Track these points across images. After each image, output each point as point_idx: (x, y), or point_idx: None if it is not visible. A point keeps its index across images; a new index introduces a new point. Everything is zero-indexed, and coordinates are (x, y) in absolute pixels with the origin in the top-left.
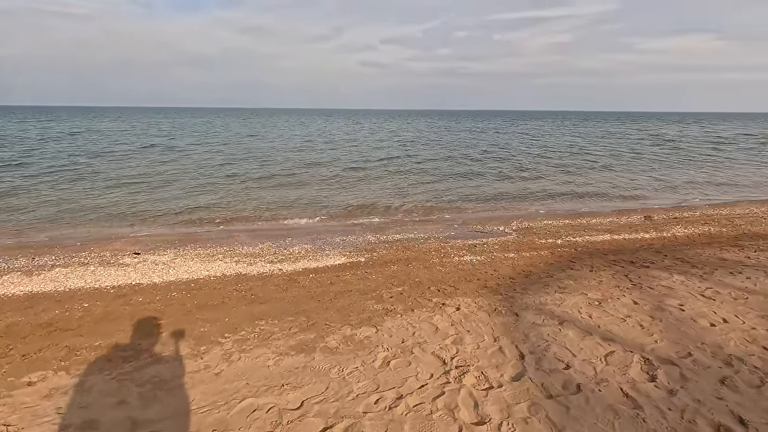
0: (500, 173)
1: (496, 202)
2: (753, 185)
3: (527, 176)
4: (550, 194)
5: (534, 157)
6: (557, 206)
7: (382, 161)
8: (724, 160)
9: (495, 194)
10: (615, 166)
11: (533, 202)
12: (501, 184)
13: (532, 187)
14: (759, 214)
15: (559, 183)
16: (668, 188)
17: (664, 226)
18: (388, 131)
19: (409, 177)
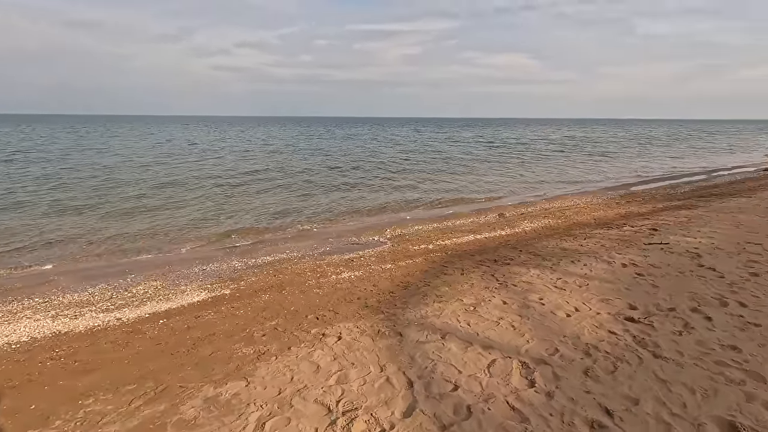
0: (371, 181)
1: (370, 211)
2: (571, 181)
3: (396, 183)
4: (417, 199)
5: (401, 163)
6: (424, 211)
7: (249, 174)
8: (564, 161)
9: (367, 203)
10: (471, 169)
11: (404, 207)
12: (372, 192)
13: (401, 193)
14: (581, 204)
15: (425, 187)
16: (518, 186)
17: (514, 222)
18: (255, 140)
19: (279, 190)
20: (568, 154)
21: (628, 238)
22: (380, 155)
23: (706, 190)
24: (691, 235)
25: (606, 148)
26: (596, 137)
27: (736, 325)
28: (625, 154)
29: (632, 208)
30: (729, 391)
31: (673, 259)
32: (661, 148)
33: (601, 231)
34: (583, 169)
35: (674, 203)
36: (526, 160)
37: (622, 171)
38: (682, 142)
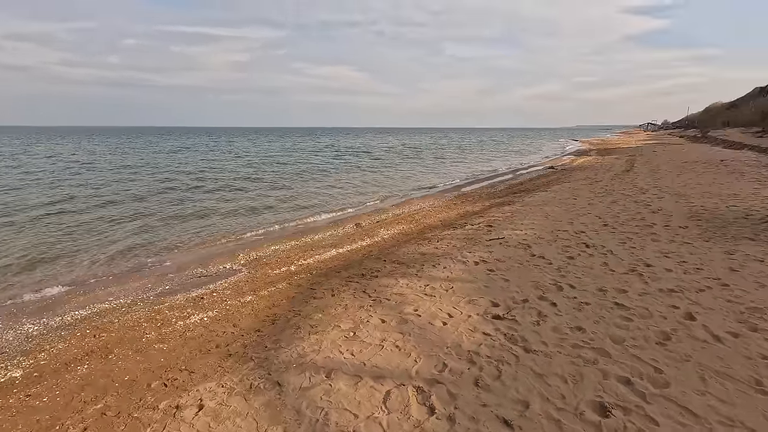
0: (215, 199)
1: (217, 234)
2: (414, 186)
3: (245, 199)
4: (270, 215)
5: (247, 177)
6: (279, 228)
7: (48, 204)
8: (406, 166)
9: (214, 225)
10: (321, 179)
11: (256, 226)
12: (218, 212)
13: (251, 210)
14: (426, 208)
15: (277, 202)
16: (369, 193)
17: (372, 230)
18: (53, 156)
19: (93, 219)
20: (406, 160)
21: (472, 237)
22: (222, 169)
23: (516, 187)
24: (518, 228)
25: (435, 154)
26: (426, 144)
27: (574, 307)
28: (451, 159)
29: (467, 207)
30: (589, 372)
31: (511, 252)
32: (475, 153)
33: (448, 232)
34: (421, 174)
35: (497, 201)
36: (372, 167)
37: (452, 174)
38: (490, 147)
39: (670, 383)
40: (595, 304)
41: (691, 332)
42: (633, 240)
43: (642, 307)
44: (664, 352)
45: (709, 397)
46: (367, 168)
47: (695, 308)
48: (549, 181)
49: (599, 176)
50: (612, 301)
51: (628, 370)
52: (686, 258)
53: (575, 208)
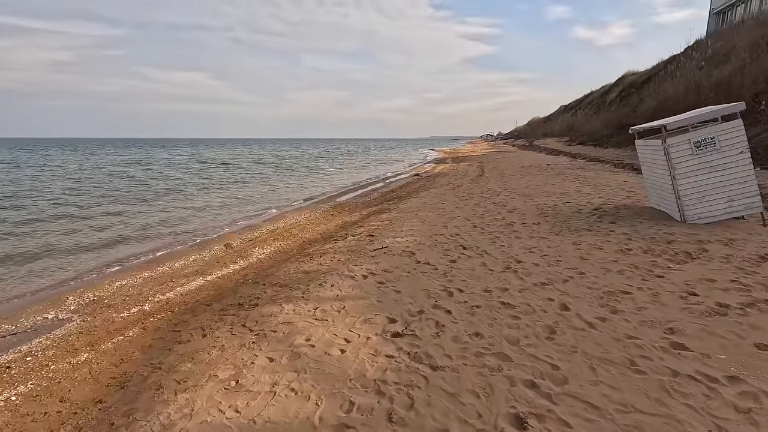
0: (36, 226)
1: (30, 271)
2: (287, 198)
3: (81, 224)
4: (115, 242)
5: (83, 196)
6: (128, 256)
7: None
8: (276, 178)
9: (24, 258)
10: (182, 196)
11: (98, 257)
12: (39, 243)
13: (89, 238)
14: (302, 221)
15: (125, 226)
16: (237, 209)
17: (245, 251)
18: None
19: None
20: (277, 171)
21: (355, 248)
22: (45, 188)
23: (389, 194)
24: (399, 236)
25: (306, 165)
26: (296, 155)
27: (467, 311)
28: (323, 170)
29: (345, 217)
30: (498, 382)
31: (397, 260)
32: (345, 162)
33: (330, 245)
34: (295, 186)
35: (374, 209)
36: (241, 180)
37: (325, 184)
38: (359, 157)
39: (568, 378)
40: (485, 305)
41: (570, 322)
42: (501, 239)
43: (525, 304)
44: (554, 346)
45: (602, 387)
46: (236, 182)
47: (566, 298)
48: (417, 187)
49: (459, 181)
50: (498, 300)
51: (530, 371)
52: (546, 252)
53: (446, 212)
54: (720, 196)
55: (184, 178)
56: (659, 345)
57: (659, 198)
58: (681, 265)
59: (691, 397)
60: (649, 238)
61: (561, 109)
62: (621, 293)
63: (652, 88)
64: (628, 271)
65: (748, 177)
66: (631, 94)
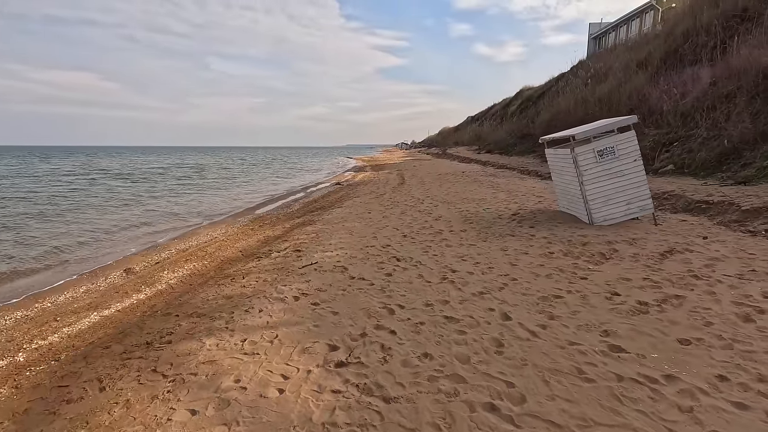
0: None
1: None
2: (197, 213)
3: None
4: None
5: None
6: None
7: None
8: (183, 190)
9: None
10: (69, 213)
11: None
12: None
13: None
14: (219, 237)
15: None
16: (140, 227)
17: (151, 276)
18: None
19: None
20: (186, 183)
21: (282, 266)
22: None
23: (311, 205)
24: (328, 249)
25: (219, 174)
26: (207, 164)
27: (411, 330)
28: (237, 180)
29: (267, 231)
30: (456, 409)
31: (329, 277)
32: (261, 172)
33: (254, 264)
34: (207, 199)
35: (297, 221)
36: (142, 193)
37: (241, 196)
38: (276, 165)
39: (525, 396)
40: (429, 321)
41: (515, 333)
42: (432, 248)
43: (468, 316)
44: (505, 360)
45: (559, 401)
46: (135, 196)
47: (506, 307)
48: (340, 197)
49: (381, 189)
50: (441, 315)
51: (487, 392)
52: (477, 259)
53: (373, 221)
54: (621, 200)
55: (71, 195)
56: (599, 349)
57: (568, 202)
58: (599, 266)
59: (640, 402)
60: (567, 241)
61: (468, 119)
62: (554, 297)
63: (546, 102)
64: (555, 274)
65: (641, 182)
66: (529, 107)
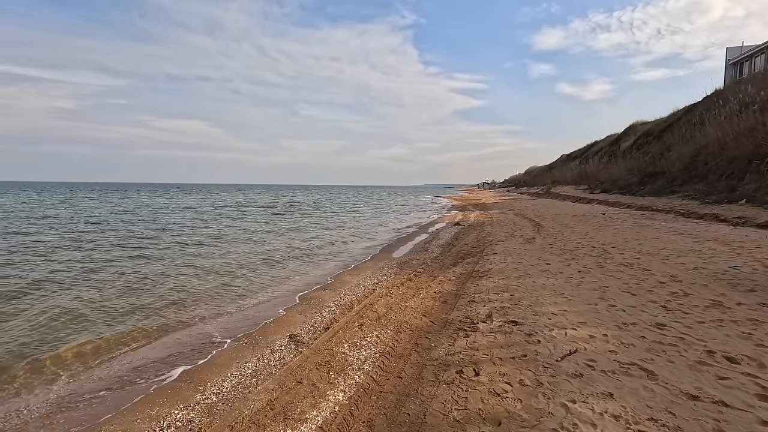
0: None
1: None
2: (329, 253)
3: (74, 296)
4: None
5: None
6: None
7: None
8: (292, 227)
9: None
10: (199, 252)
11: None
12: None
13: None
14: (372, 286)
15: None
16: (250, 269)
17: (330, 353)
18: None
19: None
20: (299, 218)
21: (520, 352)
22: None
23: (452, 249)
24: (562, 325)
25: (322, 211)
26: (304, 200)
27: None
28: (343, 217)
29: (432, 284)
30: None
31: (637, 389)
32: (360, 209)
33: (464, 342)
34: (321, 236)
35: (456, 270)
36: (263, 231)
37: (361, 234)
38: (370, 204)
39: None
40: None
41: None
42: (736, 332)
43: None
44: None
45: None
46: (256, 232)
47: None
48: (477, 240)
49: (520, 232)
50: None
51: None
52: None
53: (571, 277)
54: None
55: (193, 233)
56: None
57: None
58: None
59: None
60: None
61: (563, 158)
62: None
63: (676, 136)
64: None
65: None
66: (649, 143)
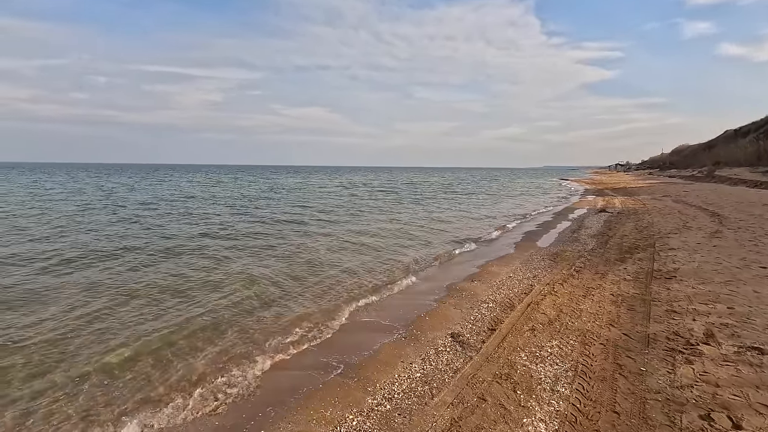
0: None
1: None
2: (465, 239)
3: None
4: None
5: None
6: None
7: None
8: (421, 210)
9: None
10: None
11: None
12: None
13: None
14: (533, 285)
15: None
16: (381, 252)
17: (506, 361)
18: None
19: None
20: (422, 202)
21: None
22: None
23: (607, 239)
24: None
25: (439, 194)
26: (423, 181)
27: None
28: (463, 200)
29: (603, 284)
30: None
31: None
32: (483, 192)
33: (700, 365)
34: (455, 220)
35: (629, 267)
36: (389, 206)
37: (489, 219)
38: (491, 186)
39: None
40: None
41: None
42: None
43: None
44: None
45: None
46: (387, 211)
47: None
48: (641, 232)
49: (691, 223)
50: None
51: None
52: None
53: None
54: None
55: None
56: None
57: None
58: None
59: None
60: None
61: (729, 133)
62: None
63: None
64: None
65: None
66: None
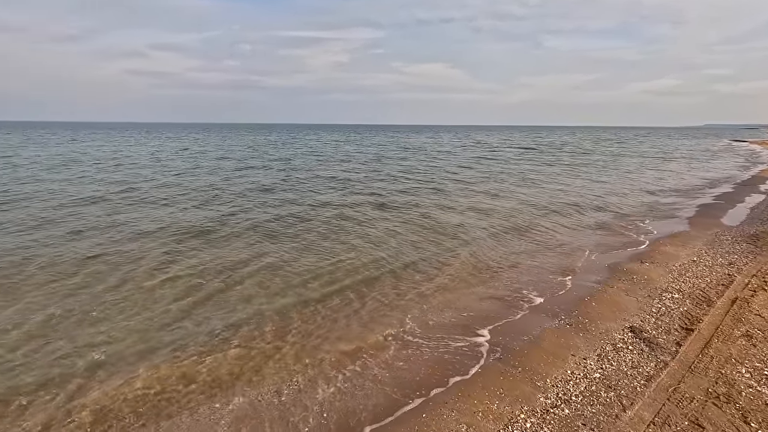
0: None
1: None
2: (617, 210)
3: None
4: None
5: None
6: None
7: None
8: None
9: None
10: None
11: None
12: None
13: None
14: (733, 275)
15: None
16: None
17: (717, 375)
18: (210, 153)
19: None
20: (558, 167)
21: None
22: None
23: None
24: None
25: (590, 159)
26: (564, 142)
27: None
28: (614, 165)
29: None
30: None
31: None
32: (630, 154)
33: None
34: (613, 188)
35: None
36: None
37: (649, 186)
38: (639, 148)
39: None
40: None
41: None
42: None
43: None
44: None
45: None
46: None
47: None
48: None
49: None
50: None
51: None
52: None
53: None
54: None
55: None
56: None
57: None
58: None
59: None
60: None
61: None
62: None
63: None
64: None
65: None
66: None
